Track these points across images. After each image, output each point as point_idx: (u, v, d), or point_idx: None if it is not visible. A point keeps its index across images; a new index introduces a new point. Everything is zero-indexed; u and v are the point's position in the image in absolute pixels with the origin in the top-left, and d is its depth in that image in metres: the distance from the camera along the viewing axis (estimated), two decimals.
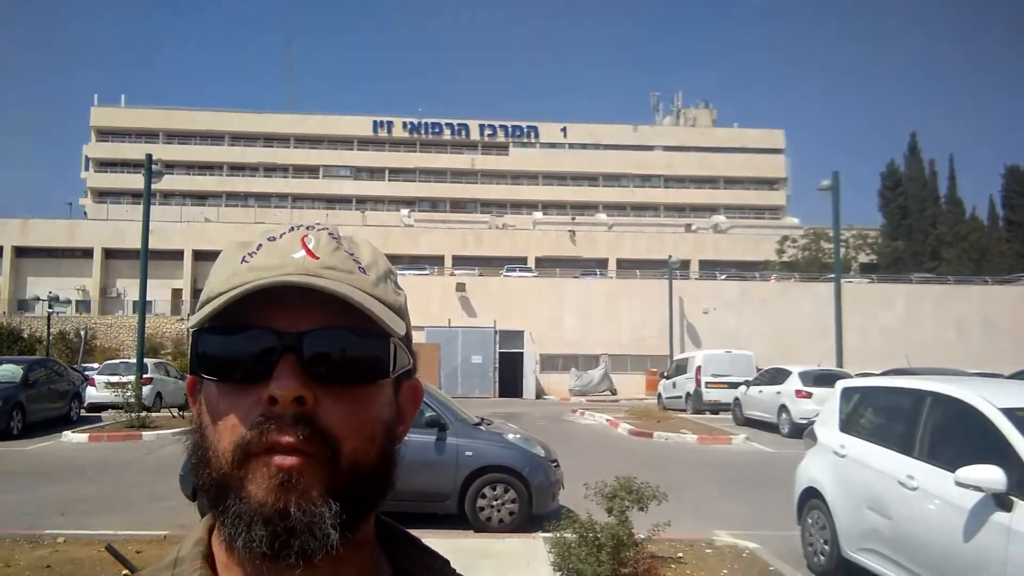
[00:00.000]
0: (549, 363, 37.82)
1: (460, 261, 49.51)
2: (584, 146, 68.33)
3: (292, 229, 0.72)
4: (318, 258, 0.68)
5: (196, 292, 50.97)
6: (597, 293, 39.89)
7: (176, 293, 51.01)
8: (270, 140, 66.38)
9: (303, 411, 0.63)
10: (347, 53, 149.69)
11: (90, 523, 8.21)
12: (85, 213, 62.06)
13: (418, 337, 22.42)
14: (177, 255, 50.82)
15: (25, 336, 36.47)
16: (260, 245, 0.70)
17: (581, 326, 38.49)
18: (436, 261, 49.19)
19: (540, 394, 35.63)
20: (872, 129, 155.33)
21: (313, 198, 66.07)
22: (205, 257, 52.12)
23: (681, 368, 25.88)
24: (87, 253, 51.52)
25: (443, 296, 38.50)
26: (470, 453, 8.10)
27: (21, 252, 51.53)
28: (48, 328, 38.28)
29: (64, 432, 16.03)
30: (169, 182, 60.68)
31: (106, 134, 65.51)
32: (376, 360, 0.67)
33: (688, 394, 24.49)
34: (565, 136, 68.40)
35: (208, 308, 0.66)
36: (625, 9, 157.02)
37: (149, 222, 19.14)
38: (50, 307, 39.17)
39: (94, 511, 8.97)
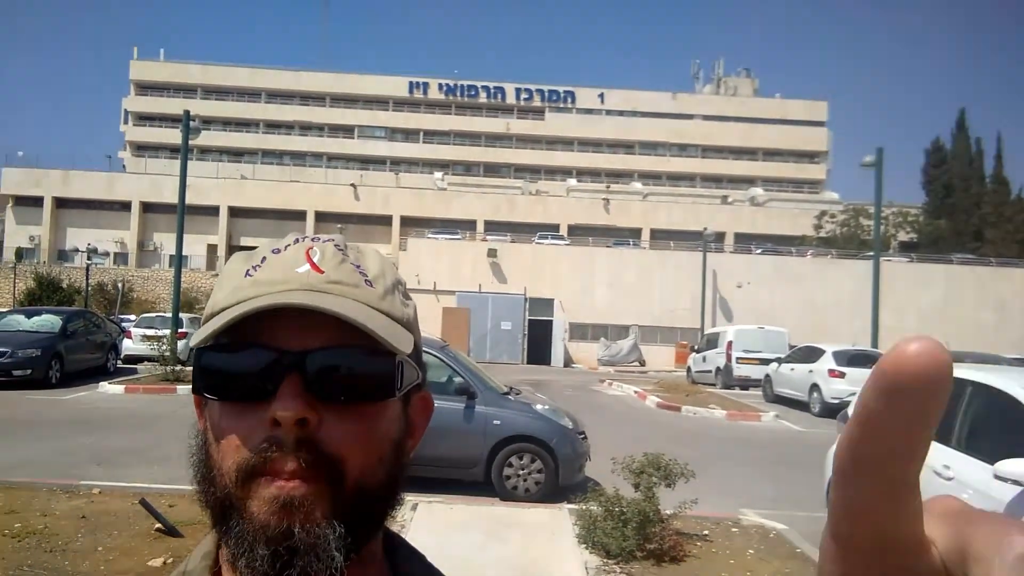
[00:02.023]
0: (578, 332, 37.78)
1: (492, 226, 49.40)
2: (621, 113, 67.41)
3: (297, 241, 0.70)
4: (323, 272, 0.67)
5: (231, 248, 51.71)
6: (629, 263, 39.59)
7: (212, 248, 51.67)
8: (306, 99, 66.40)
9: (307, 433, 0.61)
10: (384, 12, 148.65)
11: (125, 475, 8.38)
12: (124, 166, 62.85)
13: (448, 301, 22.42)
14: (213, 211, 51.39)
15: (64, 286, 37.27)
16: (264, 258, 0.69)
17: (612, 296, 38.31)
18: (468, 226, 49.14)
19: (568, 363, 35.67)
20: (919, 105, 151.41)
21: (347, 158, 66.15)
22: (241, 214, 52.66)
23: (712, 342, 25.69)
24: (125, 206, 52.30)
25: (474, 261, 38.50)
26: (498, 422, 8.11)
27: (61, 203, 52.45)
28: (87, 279, 39.03)
29: (101, 383, 16.40)
30: (206, 138, 61.09)
31: (145, 88, 66.00)
32: (382, 379, 0.65)
33: (718, 369, 24.34)
34: (602, 102, 67.51)
35: (209, 327, 0.64)
36: None
37: (186, 177, 19.29)
38: (89, 259, 39.92)
39: (129, 463, 9.15)
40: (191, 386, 0.67)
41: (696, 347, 27.97)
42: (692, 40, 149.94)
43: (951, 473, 5.13)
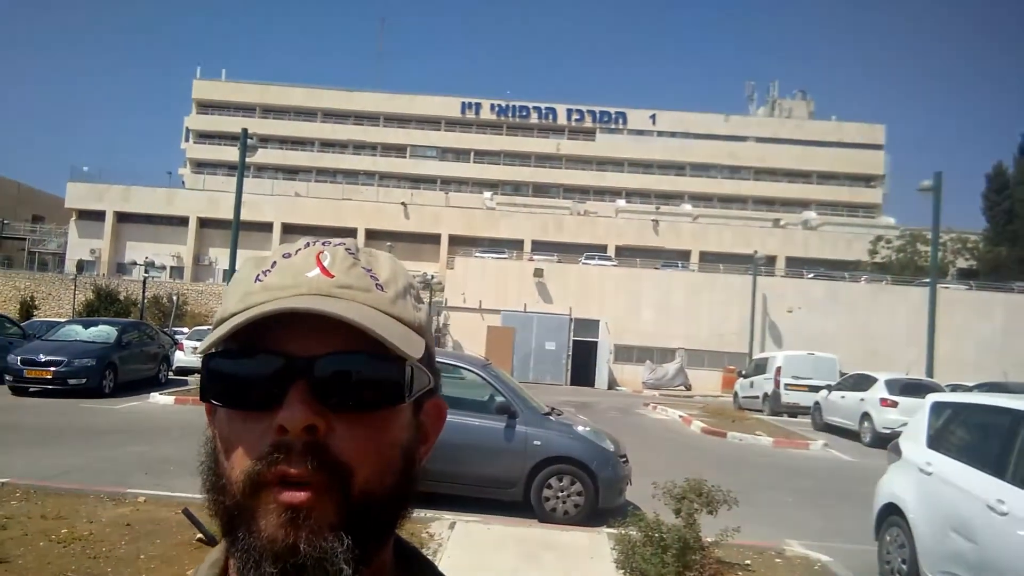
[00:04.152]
0: (623, 354, 37.45)
1: (539, 246, 49.45)
2: (673, 134, 67.09)
3: (308, 245, 0.70)
4: (333, 276, 0.66)
5: None
6: (677, 285, 39.21)
7: None
8: (360, 118, 67.59)
9: (314, 440, 0.60)
10: (437, 34, 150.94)
11: (171, 484, 8.52)
12: (183, 182, 64.64)
13: (493, 320, 22.43)
14: (267, 227, 52.44)
15: (121, 298, 38.36)
16: (275, 263, 0.68)
17: (659, 318, 37.93)
18: (515, 245, 49.29)
19: (612, 385, 35.37)
20: (979, 128, 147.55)
21: (399, 177, 67.04)
22: (294, 230, 53.58)
23: (760, 367, 25.24)
24: (183, 221, 53.71)
25: (520, 280, 38.54)
26: (538, 442, 8.06)
27: (122, 217, 54.12)
28: (143, 292, 40.11)
29: (152, 393, 16.76)
30: (263, 156, 62.61)
31: (206, 107, 67.97)
32: (392, 384, 0.64)
33: (766, 395, 23.87)
34: (654, 124, 67.30)
35: (217, 333, 0.64)
36: None
37: (242, 194, 19.73)
38: (146, 271, 41.04)
39: (175, 472, 9.30)
40: (199, 393, 0.67)
41: (744, 372, 27.50)
42: (745, 63, 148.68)
43: (1006, 508, 4.93)
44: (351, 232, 53.08)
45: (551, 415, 8.57)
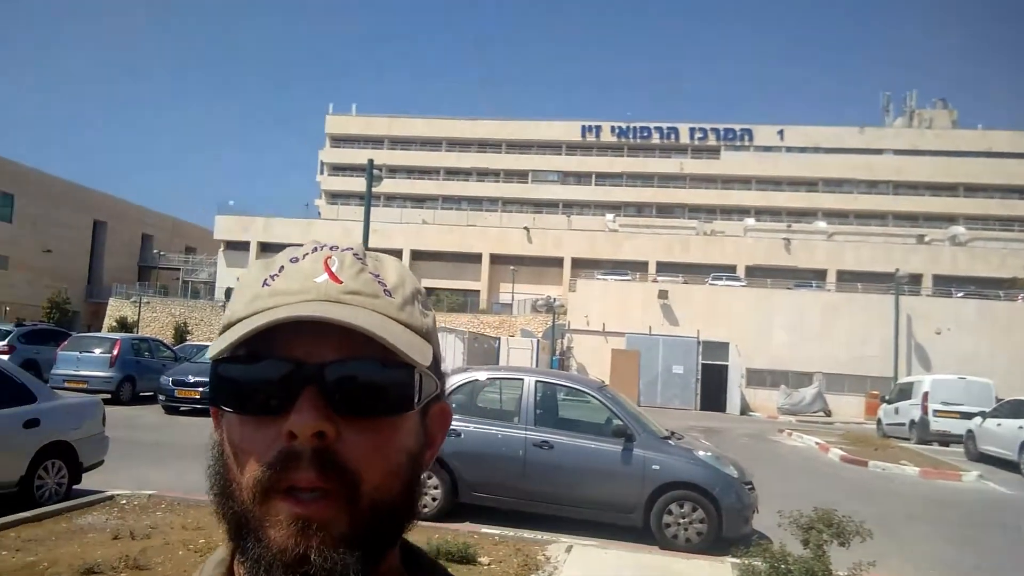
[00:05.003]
0: (756, 378, 36.08)
1: (664, 268, 48.67)
2: (803, 149, 64.59)
3: (316, 250, 0.70)
4: (341, 282, 0.65)
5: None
6: (812, 306, 37.49)
7: None
8: (483, 146, 69.11)
9: (324, 446, 0.60)
10: (555, 59, 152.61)
11: None
12: (319, 213, 68.03)
13: (617, 343, 22.14)
14: (397, 254, 54.15)
15: None
16: (282, 267, 0.68)
17: (793, 341, 36.34)
18: (639, 267, 48.71)
19: (745, 410, 34.08)
20: None
21: (521, 202, 67.88)
22: (421, 256, 55.27)
23: (905, 392, 23.61)
24: None
25: (644, 303, 37.96)
26: (657, 467, 7.81)
27: (265, 247, 57.44)
28: None
29: None
30: (392, 185, 65.17)
31: (338, 140, 71.46)
32: (401, 391, 0.64)
33: (912, 422, 22.26)
34: (782, 139, 65.07)
35: (227, 339, 0.63)
36: (850, 4, 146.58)
37: (369, 222, 20.50)
38: None
39: None
40: (208, 399, 0.66)
41: (887, 397, 25.81)
42: (875, 75, 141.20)
43: None
44: (476, 257, 54.21)
45: (670, 439, 8.30)
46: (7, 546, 5.87)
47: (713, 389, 33.88)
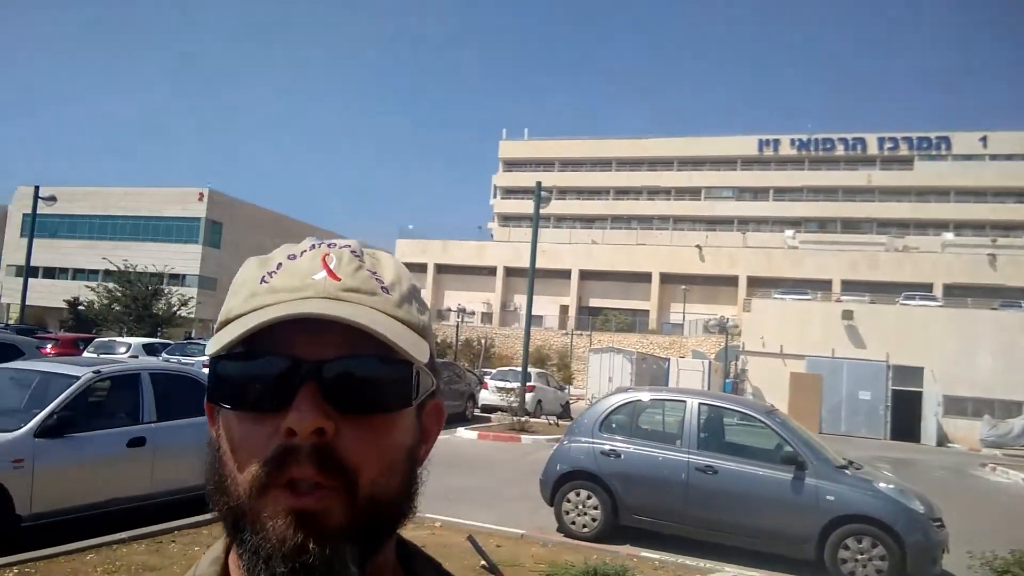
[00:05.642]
0: (955, 406, 32.89)
1: (849, 286, 45.83)
2: (1009, 157, 58.68)
3: (313, 247, 0.70)
4: (339, 279, 0.66)
5: (581, 309, 54.52)
6: (1022, 328, 33.77)
7: (563, 309, 54.94)
8: (653, 164, 68.40)
9: (322, 442, 0.60)
10: (730, 75, 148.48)
11: (465, 512, 9.04)
12: (491, 235, 70.07)
13: (796, 366, 20.91)
14: (565, 274, 54.74)
15: (439, 341, 42.36)
16: (280, 264, 0.68)
17: (999, 366, 32.82)
18: (821, 285, 46.10)
19: (942, 441, 31.15)
20: None
21: (693, 219, 66.44)
22: (590, 276, 55.41)
23: None
24: (491, 271, 58.12)
25: (826, 323, 35.77)
26: (832, 498, 7.30)
27: (441, 268, 60.01)
28: (457, 335, 43.93)
29: (458, 428, 18.08)
30: (562, 206, 65.94)
31: (511, 164, 73.43)
32: (399, 387, 0.65)
33: None
34: (984, 146, 59.52)
35: (226, 336, 0.63)
36: None
37: (537, 243, 20.87)
38: (459, 317, 44.97)
39: (470, 501, 9.88)
40: (205, 395, 0.66)
41: None
42: None
43: None
44: (646, 276, 53.57)
45: (847, 468, 7.74)
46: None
47: (905, 417, 31.24)
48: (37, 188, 28.35)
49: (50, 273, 56.63)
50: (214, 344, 0.64)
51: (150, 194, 58.43)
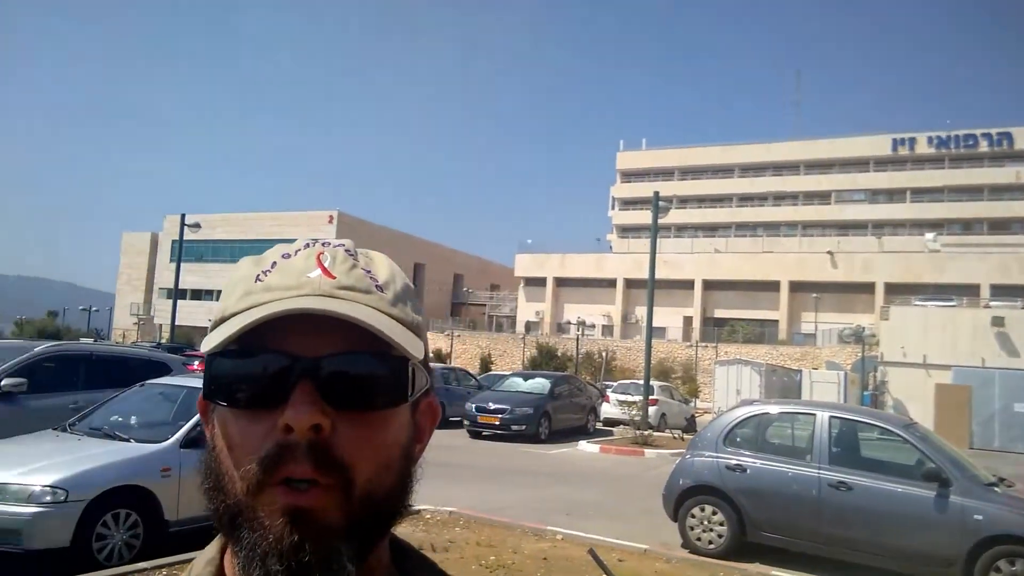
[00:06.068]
0: None
1: (999, 291, 42.56)
2: None
3: (308, 245, 0.71)
4: (334, 277, 0.66)
5: (706, 320, 53.22)
6: None
7: (687, 320, 53.81)
8: (779, 169, 66.09)
9: (319, 440, 0.60)
10: (859, 76, 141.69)
11: (587, 526, 9.01)
12: (610, 247, 69.65)
13: (941, 377, 19.67)
14: (688, 284, 53.63)
15: (559, 354, 42.51)
16: (275, 263, 0.68)
17: None
18: (967, 291, 43.00)
19: None
20: None
21: (823, 224, 63.65)
22: (714, 286, 54.04)
23: None
24: (611, 283, 57.71)
25: (974, 331, 33.35)
26: (980, 517, 6.81)
27: (560, 282, 60.12)
28: (577, 348, 43.85)
29: (580, 441, 18.06)
30: (683, 215, 64.73)
31: (629, 175, 72.79)
32: (395, 384, 0.65)
33: None
34: None
35: (222, 334, 0.63)
36: None
37: (655, 253, 20.62)
38: (579, 330, 44.88)
39: (592, 515, 9.84)
40: (201, 392, 0.67)
41: None
42: None
43: None
44: (773, 285, 51.73)
45: (997, 486, 7.20)
46: None
47: None
48: (183, 216, 30.50)
49: (197, 295, 60.79)
50: (210, 342, 0.64)
51: (285, 218, 61.78)
